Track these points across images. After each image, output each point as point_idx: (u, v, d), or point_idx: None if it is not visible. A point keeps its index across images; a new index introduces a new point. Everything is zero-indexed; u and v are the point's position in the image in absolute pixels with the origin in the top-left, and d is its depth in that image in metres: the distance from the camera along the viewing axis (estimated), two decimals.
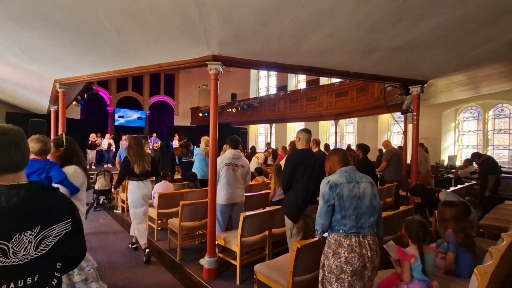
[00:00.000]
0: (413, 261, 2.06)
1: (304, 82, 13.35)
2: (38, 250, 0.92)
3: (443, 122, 9.11)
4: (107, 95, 14.70)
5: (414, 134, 4.27)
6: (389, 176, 5.78)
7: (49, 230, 0.95)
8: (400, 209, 3.62)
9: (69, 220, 1.01)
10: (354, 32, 2.52)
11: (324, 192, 1.94)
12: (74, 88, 5.32)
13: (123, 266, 3.43)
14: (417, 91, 4.21)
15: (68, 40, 2.94)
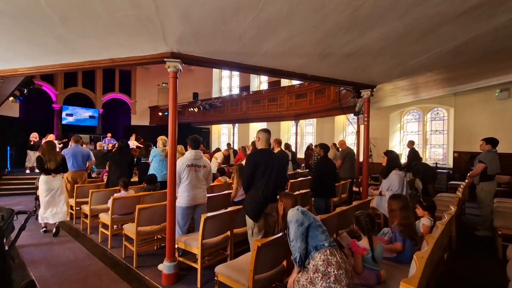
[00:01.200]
0: (366, 254, 2.22)
1: (266, 83, 13.59)
2: None
3: (390, 123, 10.00)
4: (52, 90, 13.30)
5: (365, 134, 4.62)
6: (344, 174, 6.17)
7: None
8: (354, 204, 3.88)
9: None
10: (310, 37, 2.64)
11: (298, 217, 2.03)
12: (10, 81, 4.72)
13: (71, 278, 3.14)
14: (367, 95, 4.55)
15: (2, 28, 2.59)
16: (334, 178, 4.73)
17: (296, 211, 2.10)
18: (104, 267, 3.44)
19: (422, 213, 3.00)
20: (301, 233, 1.97)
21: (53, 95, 13.35)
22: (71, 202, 5.24)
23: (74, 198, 5.13)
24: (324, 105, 8.58)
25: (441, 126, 9.39)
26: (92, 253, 3.86)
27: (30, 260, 3.59)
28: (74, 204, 5.17)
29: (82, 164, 5.59)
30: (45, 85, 12.91)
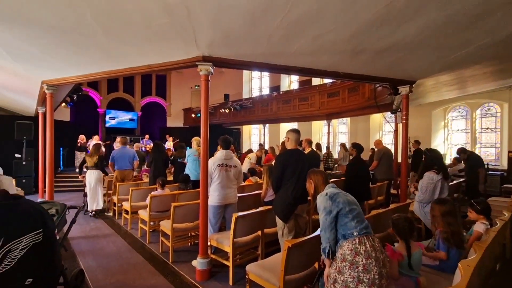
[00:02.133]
0: (402, 259, 2.10)
1: (296, 82, 13.42)
2: (3, 265, 0.87)
3: (433, 121, 9.28)
4: (97, 96, 14.48)
5: (403, 133, 4.35)
6: (380, 175, 5.86)
7: (14, 243, 0.89)
8: (391, 206, 3.67)
9: (39, 231, 0.96)
10: (341, 34, 2.56)
11: (326, 204, 1.95)
12: (62, 89, 5.22)
13: (115, 269, 3.39)
14: (405, 91, 4.28)
15: (54, 40, 2.89)
16: (367, 180, 4.52)
17: (324, 197, 2.00)
18: (143, 260, 3.67)
19: (476, 217, 2.69)
20: (330, 223, 1.91)
21: (98, 100, 14.54)
22: (114, 199, 5.67)
23: (117, 195, 5.54)
24: (358, 104, 8.24)
25: (493, 123, 8.49)
26: (132, 247, 4.13)
27: (79, 251, 3.95)
28: (116, 201, 5.58)
29: (129, 164, 6.08)
30: (91, 91, 14.10)
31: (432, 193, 3.45)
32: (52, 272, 1.05)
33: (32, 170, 7.98)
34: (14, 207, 0.91)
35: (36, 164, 7.55)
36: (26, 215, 0.94)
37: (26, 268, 0.91)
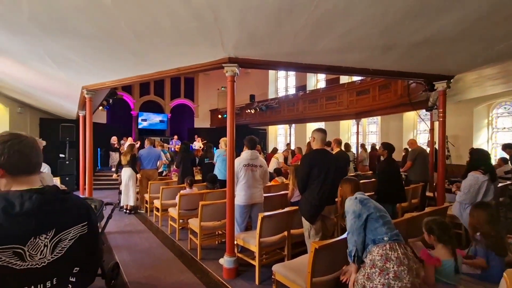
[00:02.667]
0: (438, 265, 1.96)
1: (324, 81, 13.13)
2: (54, 254, 0.94)
3: (475, 119, 8.56)
4: (131, 99, 15.32)
5: (440, 132, 4.06)
6: (415, 176, 5.53)
7: (64, 234, 0.97)
8: (426, 210, 3.45)
9: (85, 223, 1.03)
10: (371, 29, 2.45)
11: (355, 208, 1.92)
12: (100, 93, 5.61)
13: (147, 264, 3.56)
14: (442, 87, 4.00)
15: (92, 48, 3.11)
16: (400, 181, 4.28)
17: (354, 200, 1.97)
18: (173, 256, 3.81)
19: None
20: (358, 226, 1.86)
21: (131, 103, 15.38)
22: (146, 197, 5.96)
23: (148, 193, 5.82)
24: (390, 101, 7.85)
25: None
26: (163, 243, 4.31)
27: (115, 245, 4.20)
28: (148, 199, 5.85)
29: (154, 164, 6.35)
30: (125, 95, 14.95)
31: (476, 194, 3.19)
32: (94, 262, 1.13)
33: (74, 169, 8.64)
34: (64, 201, 1.00)
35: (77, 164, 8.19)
36: (74, 208, 1.03)
37: (74, 257, 0.99)
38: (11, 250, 0.86)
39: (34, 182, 0.99)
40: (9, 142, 0.95)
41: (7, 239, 0.86)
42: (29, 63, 4.18)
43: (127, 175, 5.94)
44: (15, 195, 0.91)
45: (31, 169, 0.99)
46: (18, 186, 0.96)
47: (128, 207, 6.04)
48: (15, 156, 0.95)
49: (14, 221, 0.88)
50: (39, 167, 1.04)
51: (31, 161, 0.98)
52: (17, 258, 0.87)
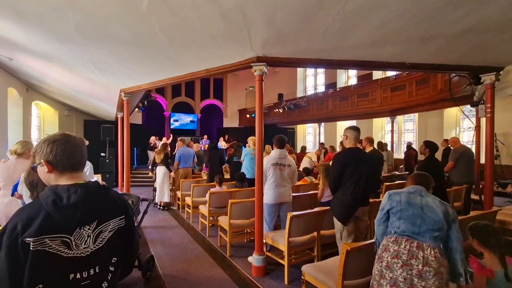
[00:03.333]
0: (491, 276, 1.78)
1: (355, 77, 12.65)
2: (96, 244, 1.02)
3: None
4: (163, 101, 16.05)
5: (487, 129, 3.71)
6: (457, 178, 5.11)
7: (104, 225, 1.05)
8: (471, 214, 3.17)
9: (122, 217, 1.11)
10: (407, 20, 2.30)
11: (382, 201, 1.99)
12: (136, 96, 5.94)
13: (179, 258, 3.71)
14: (490, 80, 3.64)
15: (129, 53, 3.30)
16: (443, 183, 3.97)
17: (386, 194, 2.02)
18: (203, 252, 3.92)
19: None
20: (378, 219, 1.99)
21: (164, 104, 16.11)
22: (178, 194, 6.21)
23: (180, 191, 6.05)
24: (429, 97, 7.34)
25: None
26: (194, 239, 4.46)
27: (150, 239, 4.43)
28: (180, 196, 6.09)
29: (191, 163, 6.71)
30: (158, 97, 15.70)
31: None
32: (131, 253, 1.21)
33: (113, 167, 9.26)
34: (105, 195, 1.09)
35: (116, 162, 8.77)
36: (113, 202, 1.12)
37: (113, 248, 1.07)
38: (60, 239, 0.95)
39: (79, 177, 1.08)
40: (57, 142, 1.05)
41: (57, 229, 0.95)
42: (75, 69, 4.56)
43: (162, 173, 6.23)
44: (63, 189, 1.00)
45: (76, 166, 1.07)
46: (65, 181, 1.05)
47: (162, 203, 6.34)
48: (62, 154, 1.04)
49: (62, 212, 0.96)
50: (83, 164, 1.12)
51: (75, 159, 1.07)
52: (65, 247, 0.96)
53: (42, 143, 1.04)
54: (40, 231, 0.92)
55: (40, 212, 0.95)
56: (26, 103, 7.63)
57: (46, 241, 0.93)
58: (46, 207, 0.96)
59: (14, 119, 6.96)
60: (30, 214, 0.95)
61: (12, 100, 6.80)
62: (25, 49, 4.00)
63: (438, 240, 1.76)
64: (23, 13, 2.63)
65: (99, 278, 1.04)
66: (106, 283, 1.06)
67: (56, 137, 1.06)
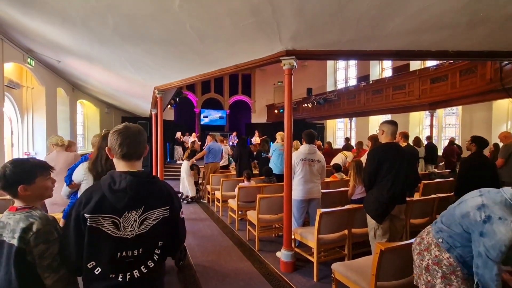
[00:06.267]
0: None
1: (390, 69, 11.96)
2: (141, 228, 1.12)
3: None
4: (194, 97, 16.55)
5: None
6: (509, 177, 4.63)
7: (149, 213, 1.14)
8: None
9: (167, 207, 1.18)
10: (452, 3, 2.10)
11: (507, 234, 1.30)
12: (168, 93, 6.18)
13: (210, 250, 3.82)
14: None
15: (162, 51, 3.43)
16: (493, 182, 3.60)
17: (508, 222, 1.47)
18: (232, 245, 4.00)
19: None
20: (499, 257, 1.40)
21: (194, 101, 16.61)
22: (208, 188, 6.38)
23: (210, 185, 6.21)
24: (475, 88, 6.70)
25: None
26: (223, 232, 4.56)
27: None
28: (210, 190, 6.26)
29: (219, 157, 6.85)
30: (189, 94, 16.21)
31: None
32: (176, 241, 1.30)
33: (148, 161, 9.77)
34: (152, 184, 1.17)
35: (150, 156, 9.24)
36: (159, 192, 1.19)
37: (157, 234, 1.17)
38: (110, 219, 1.08)
39: (135, 166, 1.18)
40: (116, 132, 1.15)
41: (109, 209, 1.08)
42: (113, 69, 4.85)
43: (184, 168, 6.49)
44: (117, 175, 1.12)
45: (129, 155, 1.15)
46: (121, 167, 1.16)
47: (183, 196, 6.55)
48: (115, 143, 1.13)
49: (115, 195, 1.09)
50: (139, 154, 1.19)
51: (130, 149, 1.15)
52: (114, 227, 1.08)
53: (111, 133, 1.16)
54: (96, 209, 1.06)
55: (98, 193, 1.09)
56: (72, 102, 8.32)
57: (99, 219, 1.06)
58: (104, 189, 1.09)
59: (62, 116, 7.62)
60: (91, 193, 1.09)
61: (60, 99, 7.45)
62: (70, 52, 4.35)
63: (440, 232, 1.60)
64: (68, 18, 2.84)
65: (144, 258, 1.14)
66: (152, 263, 1.16)
67: (118, 128, 1.16)
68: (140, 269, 1.12)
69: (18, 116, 5.95)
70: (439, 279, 1.54)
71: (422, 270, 1.64)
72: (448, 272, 1.52)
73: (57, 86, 7.08)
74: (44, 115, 6.21)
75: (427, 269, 1.61)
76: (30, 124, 6.13)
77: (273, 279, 3.04)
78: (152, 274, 1.15)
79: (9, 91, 5.35)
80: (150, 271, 1.14)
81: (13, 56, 4.70)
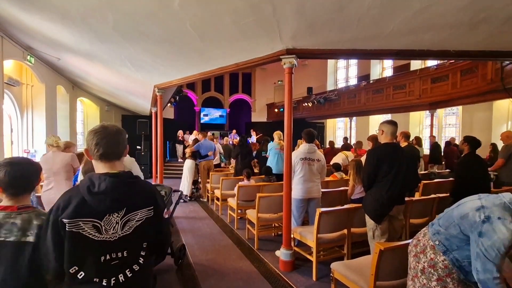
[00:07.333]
0: None
1: (390, 68, 11.93)
2: (124, 230, 1.09)
3: None
4: (194, 96, 16.52)
5: None
6: (508, 177, 4.63)
7: (132, 215, 1.11)
8: None
9: (151, 208, 1.15)
10: (454, 3, 2.09)
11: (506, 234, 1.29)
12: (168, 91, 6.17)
13: (209, 248, 3.82)
14: None
15: (161, 50, 3.42)
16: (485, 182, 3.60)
17: None
18: (232, 244, 4.00)
19: None
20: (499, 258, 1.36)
21: (194, 99, 16.58)
22: (208, 186, 6.38)
23: (210, 183, 6.21)
24: (476, 88, 6.69)
25: None
26: (223, 230, 4.56)
27: (181, 228, 4.62)
28: (209, 188, 6.25)
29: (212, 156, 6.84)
30: (189, 92, 16.18)
31: None
32: (161, 241, 1.26)
33: (148, 159, 9.77)
34: (133, 185, 1.15)
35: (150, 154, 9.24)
36: (142, 193, 1.17)
37: (141, 235, 1.14)
38: (91, 223, 1.04)
39: (115, 167, 1.14)
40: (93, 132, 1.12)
41: (89, 213, 1.04)
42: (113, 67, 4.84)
43: (187, 167, 6.45)
44: (96, 177, 1.08)
45: (108, 156, 1.12)
46: (101, 169, 1.13)
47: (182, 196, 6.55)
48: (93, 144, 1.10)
49: (95, 198, 1.05)
50: (118, 154, 1.15)
51: (108, 149, 1.12)
52: (95, 231, 1.05)
53: (87, 133, 1.14)
54: (75, 214, 1.02)
55: (77, 197, 1.05)
56: (72, 99, 8.31)
57: (79, 224, 1.03)
58: (82, 192, 1.05)
59: (62, 114, 7.61)
60: (69, 198, 1.06)
61: (60, 97, 7.44)
62: (70, 49, 4.34)
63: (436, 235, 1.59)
64: (68, 15, 2.83)
65: (129, 260, 1.12)
66: (138, 266, 1.13)
67: (95, 128, 1.14)
68: (125, 273, 1.09)
69: (17, 114, 5.94)
70: (435, 282, 1.54)
71: (418, 272, 1.63)
72: (444, 274, 1.51)
73: (57, 84, 7.07)
74: (43, 113, 6.20)
75: (422, 271, 1.60)
76: (29, 121, 6.13)
77: (272, 278, 3.04)
78: (137, 278, 1.12)
79: (8, 88, 5.35)
80: (135, 275, 1.11)
81: (13, 54, 4.69)
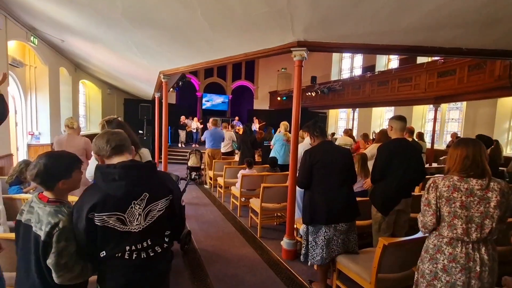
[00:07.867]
0: None
1: (396, 60, 11.75)
2: (147, 221, 1.18)
3: None
4: (196, 81, 16.35)
5: None
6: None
7: (153, 205, 1.19)
8: None
9: (168, 197, 1.25)
10: (469, 2, 2.07)
11: None
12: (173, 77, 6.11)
13: (212, 234, 3.93)
14: None
15: (170, 36, 3.38)
16: None
17: None
18: (235, 231, 4.11)
19: None
20: None
21: (197, 85, 16.42)
22: (210, 174, 6.45)
23: (213, 171, 6.28)
24: (483, 84, 6.63)
25: None
26: (226, 218, 4.67)
27: (186, 214, 4.68)
28: (212, 176, 6.33)
29: (218, 144, 6.75)
30: (192, 78, 16.00)
31: None
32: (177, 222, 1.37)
33: (150, 144, 9.80)
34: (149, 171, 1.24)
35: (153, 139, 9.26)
36: (161, 184, 1.25)
37: (163, 224, 1.24)
38: (115, 216, 1.13)
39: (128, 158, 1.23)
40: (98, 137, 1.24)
41: (112, 207, 1.13)
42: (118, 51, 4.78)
43: None
44: (105, 167, 1.18)
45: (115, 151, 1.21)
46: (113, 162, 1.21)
47: None
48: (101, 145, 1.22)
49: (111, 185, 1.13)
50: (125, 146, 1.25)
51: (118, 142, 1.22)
52: (120, 223, 1.14)
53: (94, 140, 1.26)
54: (98, 209, 1.11)
55: (96, 191, 1.14)
56: (75, 81, 8.24)
57: (104, 218, 1.11)
58: (99, 185, 1.15)
59: (65, 96, 7.57)
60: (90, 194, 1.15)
61: (63, 79, 7.37)
62: (75, 32, 4.27)
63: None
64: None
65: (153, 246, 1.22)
66: (160, 249, 1.24)
67: (100, 133, 1.27)
68: (147, 252, 1.20)
69: (21, 95, 5.91)
70: None
71: None
72: None
73: (60, 66, 6.99)
74: (47, 95, 6.16)
75: None
76: (33, 103, 6.10)
77: (275, 266, 3.15)
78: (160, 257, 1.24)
79: (12, 69, 5.29)
80: (157, 254, 1.23)
81: (16, 34, 4.62)
